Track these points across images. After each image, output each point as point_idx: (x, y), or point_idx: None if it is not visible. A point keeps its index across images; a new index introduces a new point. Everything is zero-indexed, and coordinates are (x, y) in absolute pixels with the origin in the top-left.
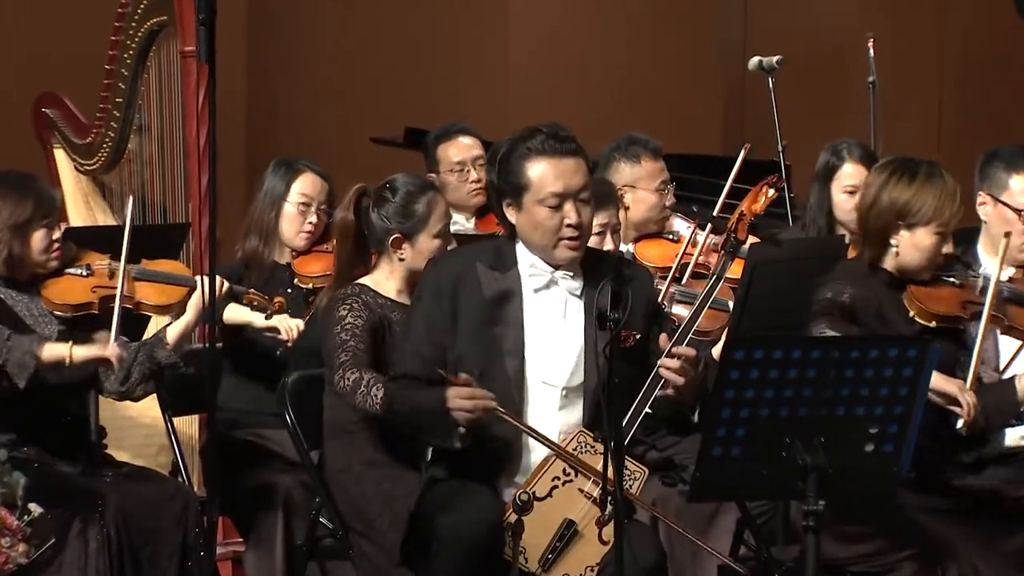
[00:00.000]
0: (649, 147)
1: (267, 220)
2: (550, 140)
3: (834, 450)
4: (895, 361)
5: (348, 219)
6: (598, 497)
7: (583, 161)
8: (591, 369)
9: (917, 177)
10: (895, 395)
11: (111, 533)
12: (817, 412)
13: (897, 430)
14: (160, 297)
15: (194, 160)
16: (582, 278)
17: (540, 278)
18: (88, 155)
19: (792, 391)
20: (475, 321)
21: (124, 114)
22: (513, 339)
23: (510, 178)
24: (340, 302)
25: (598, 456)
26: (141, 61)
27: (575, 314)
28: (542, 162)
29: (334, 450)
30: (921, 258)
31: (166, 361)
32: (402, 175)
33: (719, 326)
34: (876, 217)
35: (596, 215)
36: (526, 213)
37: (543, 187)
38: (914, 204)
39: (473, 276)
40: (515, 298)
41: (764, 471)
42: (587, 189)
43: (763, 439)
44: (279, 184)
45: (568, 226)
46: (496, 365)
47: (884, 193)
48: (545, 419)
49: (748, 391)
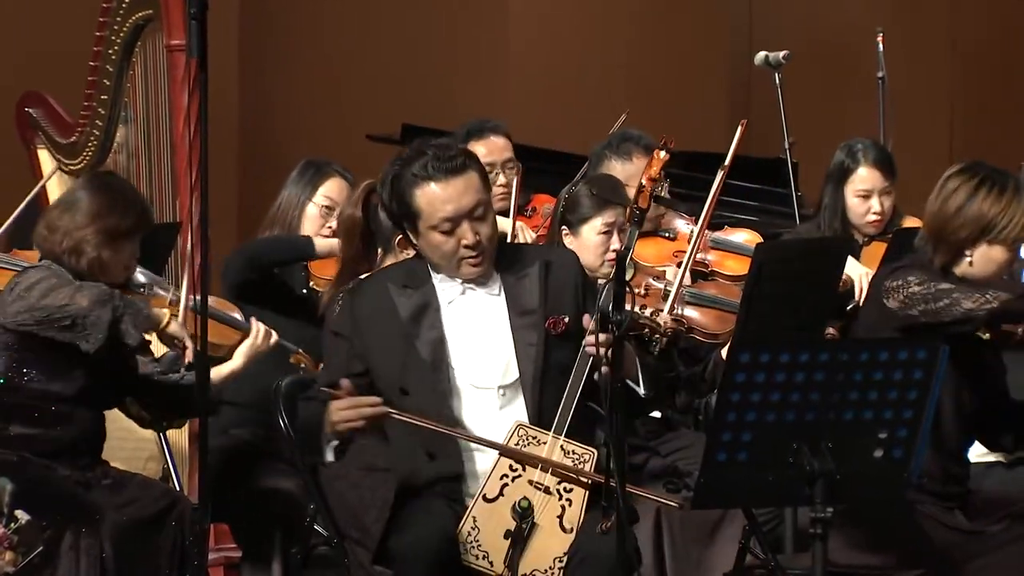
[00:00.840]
0: (641, 144)
1: (290, 217)
2: (434, 162)
3: (842, 455)
4: (905, 364)
5: (355, 216)
6: (549, 486)
7: (474, 175)
8: (525, 362)
9: (1007, 191)
10: (905, 399)
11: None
12: (825, 416)
13: (907, 435)
14: (215, 336)
15: (183, 158)
16: (498, 277)
17: (453, 288)
18: (73, 155)
19: (799, 395)
20: (395, 341)
21: (109, 112)
22: (435, 349)
23: (401, 207)
24: (339, 302)
25: (541, 446)
26: (127, 57)
27: (497, 312)
28: (429, 187)
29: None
30: (993, 272)
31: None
32: None
33: (727, 328)
34: (960, 226)
35: (602, 213)
36: (423, 238)
37: (434, 213)
38: (1002, 220)
39: (387, 299)
40: (431, 310)
41: (770, 477)
42: (480, 205)
43: (769, 444)
44: (306, 184)
45: (466, 247)
46: (423, 379)
47: (972, 203)
48: (487, 422)
49: (754, 395)
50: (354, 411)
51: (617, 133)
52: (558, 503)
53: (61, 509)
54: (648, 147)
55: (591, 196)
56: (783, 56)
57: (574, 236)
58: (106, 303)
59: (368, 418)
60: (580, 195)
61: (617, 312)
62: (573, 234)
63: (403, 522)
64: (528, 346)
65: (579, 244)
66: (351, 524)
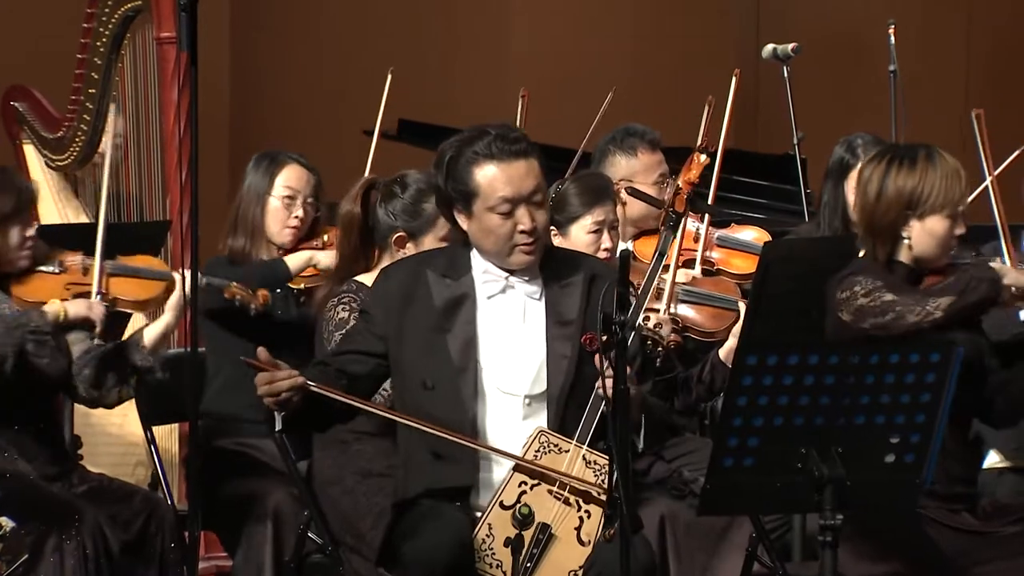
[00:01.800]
0: (646, 138)
1: (252, 216)
2: (498, 142)
3: (853, 461)
4: (917, 366)
5: (354, 212)
6: (569, 496)
7: (535, 161)
8: (555, 374)
9: (918, 162)
10: (917, 403)
11: (88, 549)
12: (835, 421)
13: (919, 440)
14: (138, 292)
15: (173, 153)
16: (540, 281)
17: (495, 284)
18: (59, 150)
19: (808, 398)
20: (424, 331)
21: (97, 106)
22: (466, 347)
23: (458, 185)
24: (336, 300)
25: (563, 455)
26: (115, 50)
27: (535, 318)
28: (491, 167)
29: (325, 460)
30: (936, 246)
31: (141, 364)
32: (415, 172)
33: (724, 326)
34: (884, 211)
35: (591, 211)
36: (477, 220)
37: (493, 193)
38: (922, 191)
39: (423, 284)
40: (468, 304)
41: (778, 483)
42: (540, 191)
43: (777, 449)
44: (262, 178)
45: (521, 232)
46: (450, 375)
47: (888, 184)
48: (509, 430)
49: (761, 398)
50: (270, 385)
51: (621, 128)
52: (576, 515)
53: (40, 514)
54: (653, 142)
55: (580, 194)
56: (792, 49)
57: (562, 236)
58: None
59: (284, 391)
60: (568, 193)
61: (620, 314)
62: (562, 234)
63: (416, 527)
64: (561, 358)
65: (568, 244)
66: (346, 531)
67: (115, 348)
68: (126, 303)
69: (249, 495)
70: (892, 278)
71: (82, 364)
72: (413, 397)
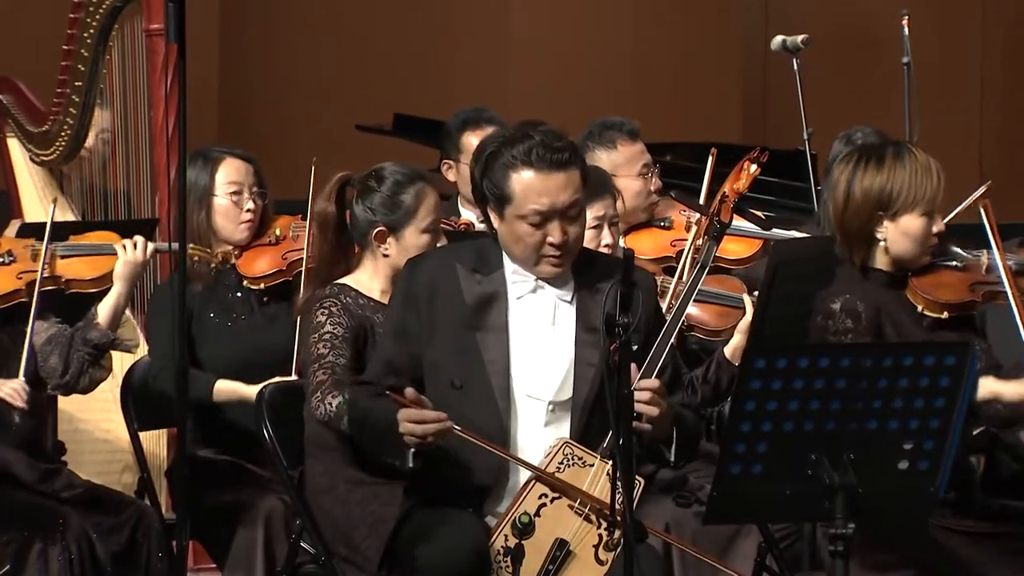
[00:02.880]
0: (624, 129)
1: (197, 222)
2: (539, 149)
3: (864, 468)
4: (932, 370)
5: (328, 211)
6: (591, 513)
7: (577, 172)
8: (581, 382)
9: (885, 160)
10: (931, 407)
11: (73, 555)
12: (846, 426)
13: (934, 446)
14: (92, 271)
15: (161, 149)
16: (572, 283)
17: (525, 284)
18: (44, 144)
19: (819, 403)
20: (454, 328)
21: (84, 99)
22: (497, 347)
23: (493, 185)
24: (318, 305)
25: (587, 469)
26: (103, 41)
27: (565, 322)
28: (528, 174)
29: (317, 468)
30: (913, 246)
31: (102, 341)
32: (391, 163)
33: (729, 325)
34: (854, 214)
35: (590, 206)
36: (507, 224)
37: (526, 203)
38: (891, 189)
39: (453, 279)
40: (500, 302)
41: (788, 491)
42: (576, 205)
43: (787, 456)
44: (201, 178)
45: (551, 245)
46: (478, 376)
47: (855, 186)
48: (530, 436)
49: (770, 403)
50: (421, 427)
51: (597, 122)
52: (596, 532)
53: (24, 520)
54: (632, 132)
55: None
56: (801, 40)
57: None
58: None
59: (433, 434)
60: None
61: (624, 316)
62: None
63: (430, 532)
64: (588, 366)
65: None
66: (339, 541)
67: (74, 332)
68: (82, 284)
69: (239, 503)
70: (869, 297)
71: (46, 354)
72: (440, 396)
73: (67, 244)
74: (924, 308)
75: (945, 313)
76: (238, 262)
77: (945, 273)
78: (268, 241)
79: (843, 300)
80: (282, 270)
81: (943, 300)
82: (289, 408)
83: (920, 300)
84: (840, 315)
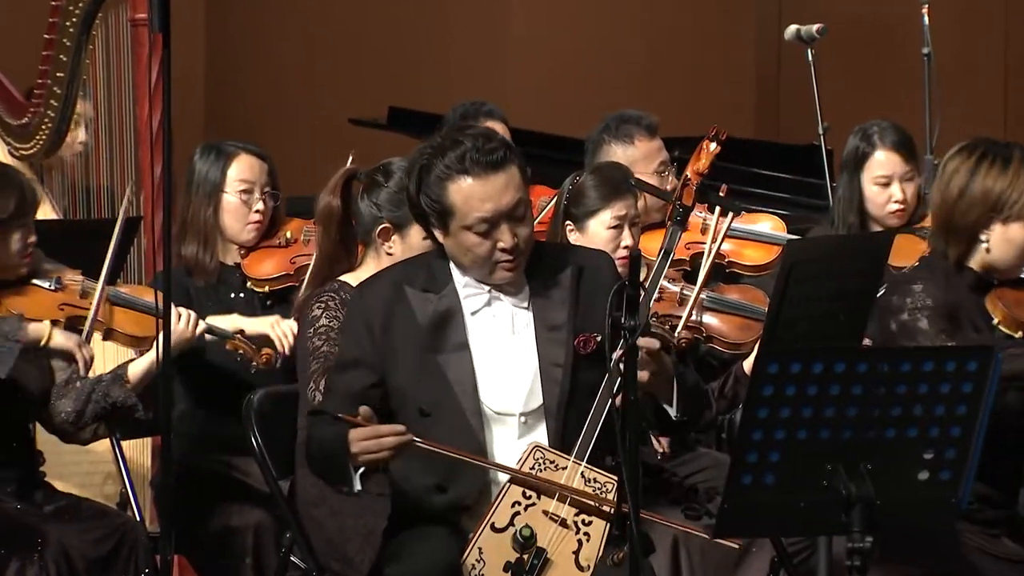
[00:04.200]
0: (643, 124)
1: (205, 218)
2: (472, 154)
3: (883, 478)
4: (953, 375)
5: (333, 205)
6: (567, 518)
7: (515, 170)
8: (550, 385)
9: (1011, 163)
10: (953, 415)
11: (51, 572)
12: (863, 434)
13: (955, 456)
14: (135, 327)
15: (146, 144)
16: (527, 286)
17: (479, 297)
18: (24, 138)
19: (834, 410)
20: (414, 352)
21: (66, 91)
22: (460, 366)
23: (431, 201)
24: (315, 301)
25: (559, 472)
26: (86, 30)
27: (524, 328)
28: (466, 182)
29: (308, 478)
30: (1016, 255)
31: (122, 402)
32: (399, 159)
33: (751, 338)
34: (966, 209)
35: (610, 205)
36: (453, 238)
37: (469, 212)
38: (1012, 194)
39: (403, 302)
40: (456, 318)
41: (802, 502)
42: (521, 204)
43: (801, 465)
44: (212, 173)
45: (502, 250)
46: (446, 398)
47: (975, 181)
48: (506, 450)
49: (783, 410)
50: (375, 442)
51: (614, 115)
52: (575, 537)
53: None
54: (650, 127)
55: (598, 186)
56: (817, 30)
57: (580, 232)
58: None
59: (391, 448)
60: (586, 185)
61: (631, 318)
62: (579, 230)
63: (402, 551)
64: (553, 366)
65: (585, 241)
66: (331, 555)
67: (97, 382)
68: (122, 337)
69: (227, 516)
70: (952, 293)
71: (60, 394)
72: (411, 424)
73: (119, 292)
74: (1000, 321)
75: (1020, 332)
76: (244, 262)
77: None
78: (277, 243)
79: (925, 284)
80: (289, 274)
81: (1022, 318)
82: (279, 416)
83: (999, 312)
84: (921, 295)
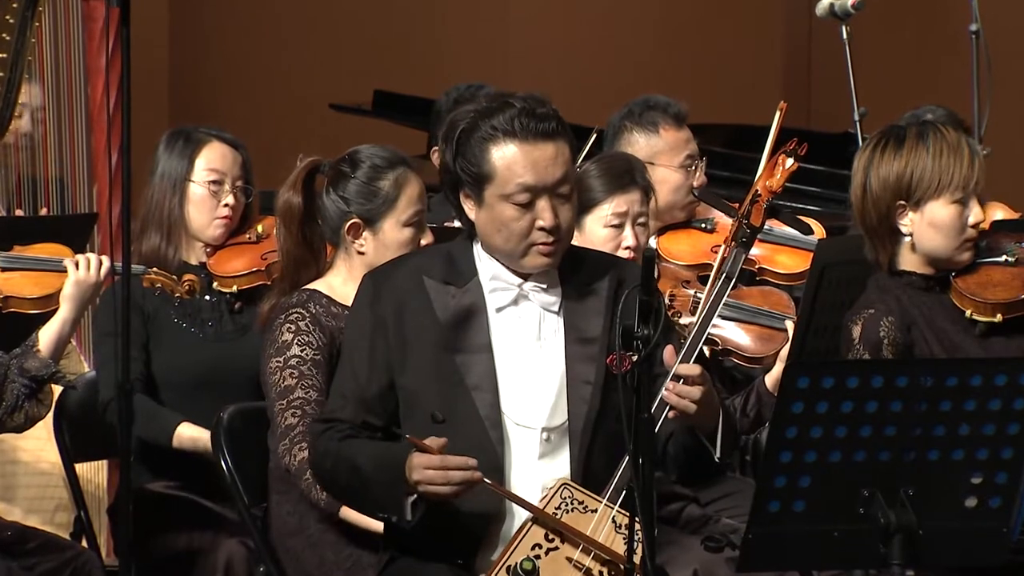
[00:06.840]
0: (671, 112)
1: (169, 209)
2: (523, 118)
3: (925, 505)
4: (1004, 391)
5: (294, 202)
6: (593, 569)
7: (566, 146)
8: (577, 403)
9: (905, 141)
10: (1004, 435)
11: None
12: (903, 456)
13: (1007, 480)
14: (36, 289)
15: (101, 131)
16: (559, 289)
17: (506, 293)
18: None
19: (871, 429)
20: (430, 351)
21: (9, 74)
22: (481, 369)
23: (469, 165)
24: (283, 319)
25: (588, 515)
26: (31, 6)
27: (551, 335)
28: (511, 146)
29: (284, 506)
30: (944, 239)
31: (42, 373)
32: (367, 146)
33: (772, 350)
34: (873, 207)
35: (611, 199)
36: (487, 210)
37: (510, 179)
38: (912, 174)
39: (422, 295)
40: (479, 316)
41: (835, 532)
42: (567, 182)
43: (834, 491)
44: (178, 161)
45: (541, 229)
46: (463, 404)
47: (871, 174)
48: (525, 470)
49: (815, 429)
50: (441, 473)
51: (639, 100)
52: None
53: None
54: (678, 116)
55: (600, 177)
56: (852, 4)
57: (576, 230)
58: None
59: (458, 484)
60: (588, 176)
61: (643, 327)
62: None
63: None
64: (583, 384)
65: (582, 240)
66: None
67: (8, 359)
68: (24, 303)
69: (193, 547)
70: (900, 293)
71: None
72: (421, 431)
73: (9, 255)
74: (973, 312)
75: (999, 316)
76: (210, 260)
77: (995, 270)
78: (247, 239)
79: (865, 320)
80: (260, 271)
81: (994, 300)
82: (251, 435)
83: (968, 303)
84: (857, 346)
